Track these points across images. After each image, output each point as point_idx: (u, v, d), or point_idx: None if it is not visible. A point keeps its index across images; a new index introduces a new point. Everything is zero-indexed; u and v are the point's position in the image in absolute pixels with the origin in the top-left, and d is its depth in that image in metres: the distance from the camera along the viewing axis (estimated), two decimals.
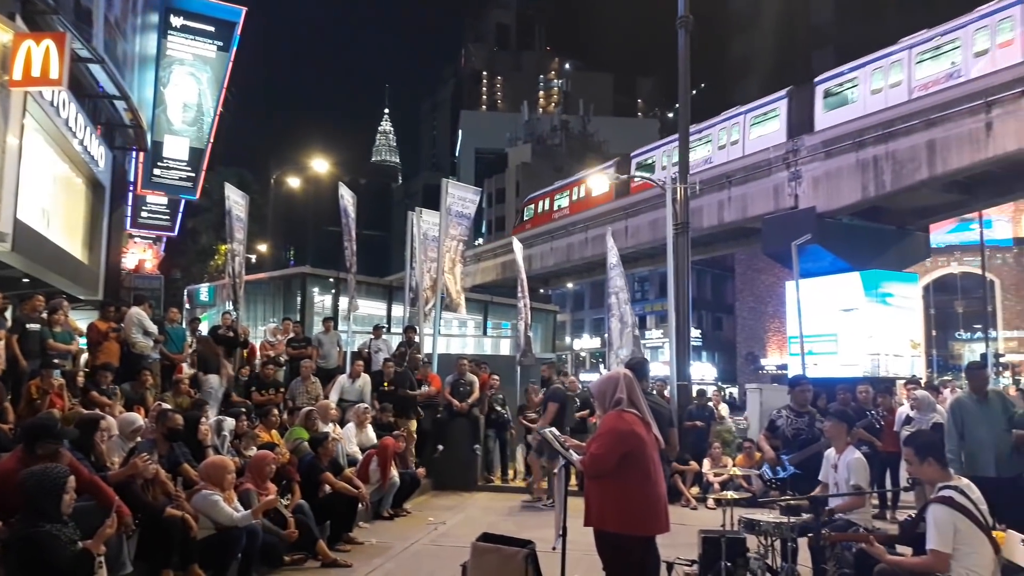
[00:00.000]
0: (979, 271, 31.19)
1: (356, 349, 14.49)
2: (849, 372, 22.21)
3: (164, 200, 21.46)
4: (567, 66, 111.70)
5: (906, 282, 25.35)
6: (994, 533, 4.46)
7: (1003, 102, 19.26)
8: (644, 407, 4.79)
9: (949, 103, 20.59)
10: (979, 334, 35.71)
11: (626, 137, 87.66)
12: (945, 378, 31.48)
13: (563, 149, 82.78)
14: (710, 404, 13.74)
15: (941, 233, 33.98)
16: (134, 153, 17.67)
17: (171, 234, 23.66)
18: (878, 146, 22.28)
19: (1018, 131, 18.77)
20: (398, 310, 21.40)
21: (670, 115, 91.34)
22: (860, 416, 9.42)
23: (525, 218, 45.96)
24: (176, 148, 18.48)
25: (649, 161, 34.79)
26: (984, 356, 27.64)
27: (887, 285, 24.24)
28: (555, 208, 42.40)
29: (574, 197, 40.67)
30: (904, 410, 10.70)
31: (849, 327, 23.83)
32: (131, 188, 18.97)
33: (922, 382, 15.97)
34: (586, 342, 62.02)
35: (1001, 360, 31.66)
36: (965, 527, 4.34)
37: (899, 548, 5.15)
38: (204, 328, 15.27)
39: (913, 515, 4.93)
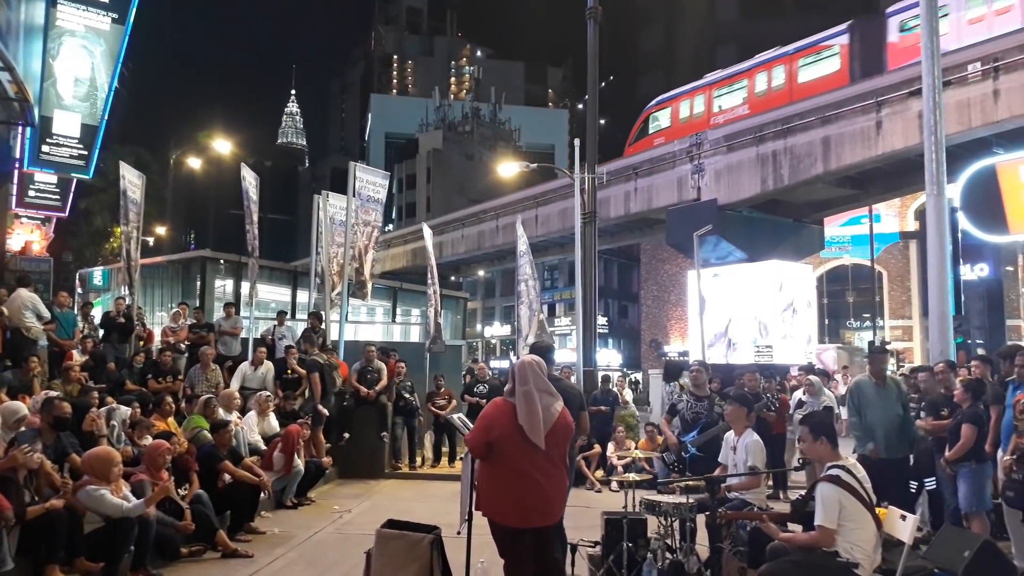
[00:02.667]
0: (868, 263, 32.85)
1: (259, 336, 14.15)
2: (743, 359, 23.02)
3: (54, 179, 20.30)
4: (479, 53, 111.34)
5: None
6: (877, 510, 4.72)
7: (891, 102, 20.25)
8: (526, 399, 4.52)
9: (843, 101, 21.53)
10: (868, 323, 37.62)
11: (537, 126, 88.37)
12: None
13: (474, 136, 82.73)
14: (614, 389, 14.02)
15: (834, 227, 35.55)
16: (20, 128, 16.68)
17: (61, 215, 22.43)
18: (777, 141, 23.11)
19: (905, 130, 19.77)
20: (303, 296, 21.00)
21: (580, 106, 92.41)
22: (756, 400, 9.80)
23: (651, 131, 31.12)
24: (67, 124, 17.50)
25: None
26: (872, 343, 29.13)
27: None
28: (716, 110, 28.02)
29: (758, 89, 26.95)
30: (797, 394, 11.21)
31: (745, 315, 24.64)
32: (17, 165, 17.91)
33: (815, 368, 16.68)
34: (496, 329, 62.35)
35: (887, 347, 33.47)
36: (850, 504, 4.57)
37: (791, 526, 5.39)
38: (97, 313, 14.61)
39: (804, 494, 5.16)
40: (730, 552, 5.70)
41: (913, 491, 7.77)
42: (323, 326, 13.51)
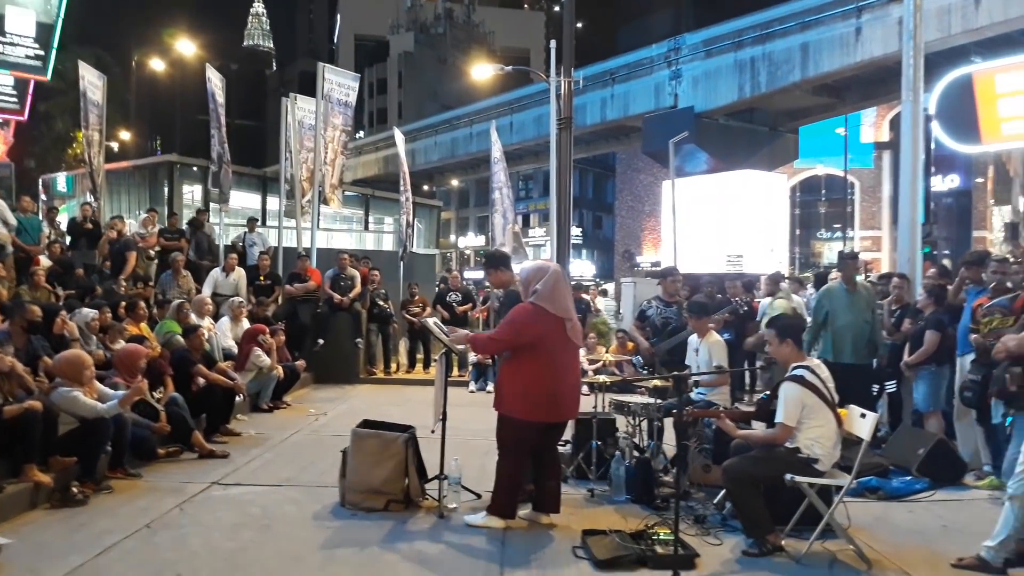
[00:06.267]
0: (842, 173, 32.96)
1: (230, 242, 14.01)
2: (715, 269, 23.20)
3: (10, 80, 19.53)
4: None
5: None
6: (838, 410, 4.87)
7: (872, 8, 19.93)
8: (561, 302, 4.91)
9: (823, 6, 21.15)
10: (838, 233, 38.03)
11: (512, 29, 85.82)
12: (805, 275, 33.59)
13: (447, 39, 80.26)
14: (586, 298, 14.14)
15: (810, 136, 35.44)
16: None
17: (20, 118, 21.61)
18: (755, 47, 22.76)
19: (884, 37, 19.52)
20: (273, 203, 20.72)
21: (556, 8, 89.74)
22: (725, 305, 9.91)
23: None
24: (20, 22, 16.77)
25: None
26: (841, 251, 29.47)
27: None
28: None
29: None
30: (767, 300, 11.36)
31: (716, 225, 24.71)
32: None
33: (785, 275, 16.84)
34: (471, 240, 62.25)
35: (857, 254, 33.93)
36: (812, 403, 4.71)
37: (755, 424, 5.56)
38: (63, 219, 14.35)
39: (768, 393, 5.30)
40: (696, 450, 5.89)
41: (875, 394, 7.99)
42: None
